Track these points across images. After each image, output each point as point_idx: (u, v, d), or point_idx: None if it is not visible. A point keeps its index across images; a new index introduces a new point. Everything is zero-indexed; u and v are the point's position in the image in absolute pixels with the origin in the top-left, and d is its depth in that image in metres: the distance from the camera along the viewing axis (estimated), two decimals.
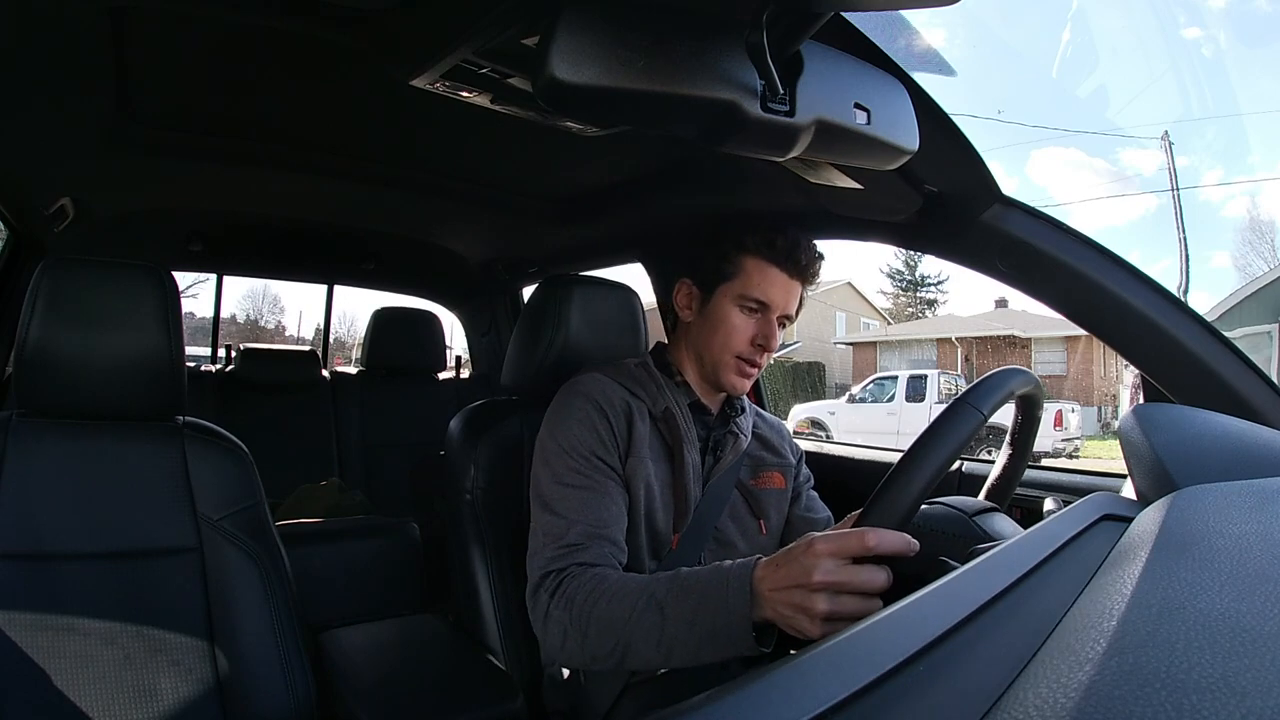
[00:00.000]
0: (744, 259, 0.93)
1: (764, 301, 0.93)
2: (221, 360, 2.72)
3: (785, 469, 1.04)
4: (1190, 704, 0.26)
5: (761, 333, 0.93)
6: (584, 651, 0.75)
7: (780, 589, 0.63)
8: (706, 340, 0.95)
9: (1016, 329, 14.40)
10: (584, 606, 0.75)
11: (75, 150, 1.31)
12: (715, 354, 0.94)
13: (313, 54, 0.97)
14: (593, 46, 0.50)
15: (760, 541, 0.98)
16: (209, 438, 0.97)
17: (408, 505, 2.07)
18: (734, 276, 0.93)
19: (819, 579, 0.60)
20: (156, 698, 0.84)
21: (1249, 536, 0.43)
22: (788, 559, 0.64)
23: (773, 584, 0.64)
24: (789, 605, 0.63)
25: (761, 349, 0.93)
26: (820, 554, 0.61)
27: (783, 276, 0.93)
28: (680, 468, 0.91)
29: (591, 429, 0.88)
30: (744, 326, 0.93)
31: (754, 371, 0.94)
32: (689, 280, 0.98)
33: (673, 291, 1.00)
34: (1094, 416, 12.58)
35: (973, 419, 0.67)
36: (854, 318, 20.00)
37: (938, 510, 0.76)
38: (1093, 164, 26.69)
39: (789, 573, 0.63)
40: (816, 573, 0.61)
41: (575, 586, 0.77)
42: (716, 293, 0.94)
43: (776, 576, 0.64)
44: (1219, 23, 22.08)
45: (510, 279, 2.31)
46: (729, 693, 0.31)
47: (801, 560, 0.62)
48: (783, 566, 0.64)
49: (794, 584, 0.62)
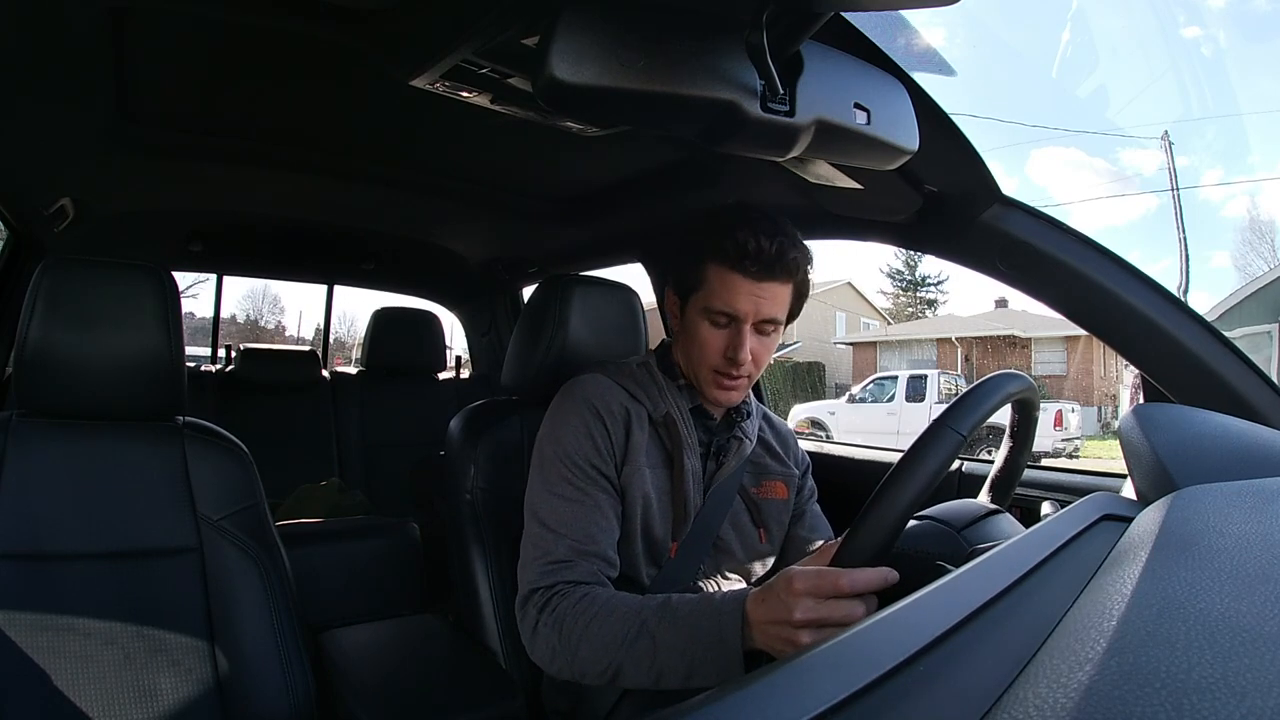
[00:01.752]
0: (706, 267, 0.86)
1: (729, 313, 0.85)
2: (221, 360, 2.72)
3: (789, 479, 1.00)
4: (1190, 704, 0.26)
5: (731, 345, 0.86)
6: (573, 669, 0.76)
7: (766, 623, 0.66)
8: (686, 352, 0.91)
9: (1016, 329, 14.40)
10: (573, 628, 0.75)
11: (75, 150, 1.31)
12: (694, 367, 0.90)
13: (313, 54, 0.97)
14: (593, 46, 0.50)
15: (760, 550, 0.96)
16: (209, 438, 0.97)
17: (408, 505, 2.07)
18: (700, 287, 0.87)
19: (799, 618, 0.63)
20: (156, 698, 0.84)
21: (1249, 536, 0.43)
22: (770, 594, 0.66)
23: (759, 617, 0.66)
24: (776, 639, 0.65)
25: (732, 361, 0.86)
26: (799, 593, 0.63)
27: (747, 282, 0.83)
28: (680, 475, 0.88)
29: (587, 436, 0.86)
30: (713, 340, 0.86)
31: (735, 384, 0.88)
32: (670, 289, 0.94)
33: (663, 298, 0.97)
34: (1094, 416, 12.58)
35: (951, 441, 0.66)
36: (854, 318, 20.01)
37: (926, 528, 0.75)
38: (1093, 164, 26.69)
39: (771, 609, 0.65)
40: (797, 611, 0.63)
41: (565, 607, 0.77)
42: (689, 304, 0.89)
43: (761, 610, 0.66)
44: (1218, 21, 22.09)
45: (510, 279, 2.32)
46: (729, 693, 0.31)
47: (783, 598, 0.64)
48: (767, 601, 0.66)
49: (777, 620, 0.65)
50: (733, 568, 0.94)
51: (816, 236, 1.33)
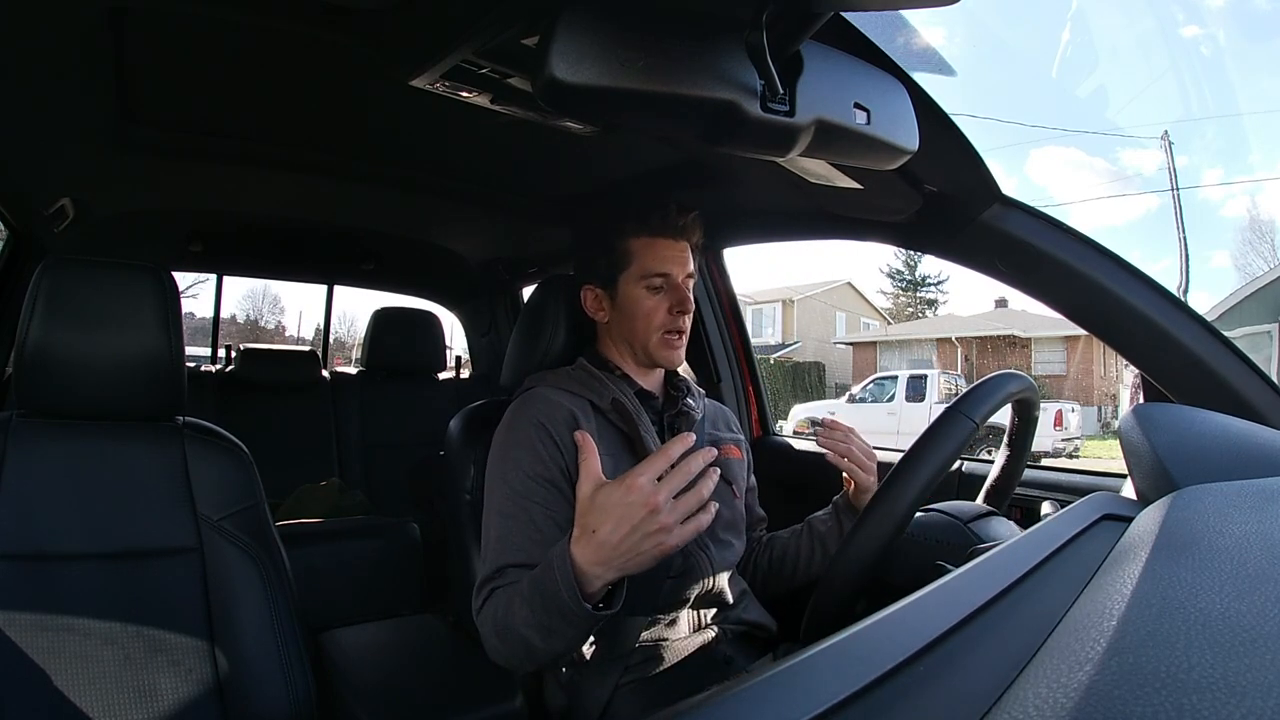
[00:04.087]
0: (629, 243, 0.98)
1: (663, 273, 0.97)
2: (221, 360, 2.72)
3: (739, 443, 1.11)
4: (1190, 704, 0.26)
5: (674, 300, 0.98)
6: (509, 657, 0.80)
7: (614, 545, 0.68)
8: (629, 329, 0.99)
9: (1016, 329, 14.40)
10: (495, 619, 0.80)
11: (75, 150, 1.31)
12: (642, 337, 0.98)
13: (313, 54, 0.97)
14: (593, 46, 0.50)
15: (736, 506, 1.03)
16: (209, 438, 0.97)
17: (408, 505, 2.07)
18: (629, 263, 0.98)
19: (655, 500, 0.67)
20: (156, 698, 0.84)
21: (1249, 536, 0.43)
22: (601, 519, 0.69)
23: (601, 550, 0.69)
24: (633, 551, 0.68)
25: (681, 313, 0.98)
26: (639, 486, 0.68)
27: (670, 244, 0.98)
28: (642, 450, 0.92)
29: (529, 448, 0.90)
30: (656, 304, 0.98)
31: (681, 341, 0.99)
32: (591, 285, 1.02)
33: (581, 302, 1.03)
34: (1094, 416, 12.58)
35: (964, 426, 0.68)
36: (854, 318, 20.00)
37: (934, 518, 0.76)
38: (1092, 164, 26.70)
39: (616, 525, 0.68)
40: (648, 497, 0.67)
41: (492, 607, 0.82)
42: (619, 284, 0.99)
43: (599, 540, 0.69)
44: (1218, 21, 22.08)
45: (510, 279, 2.32)
46: (729, 692, 0.31)
47: (625, 502, 0.68)
48: (600, 530, 0.69)
49: (629, 529, 0.68)
50: (721, 526, 0.98)
51: (816, 236, 1.33)
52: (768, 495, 1.15)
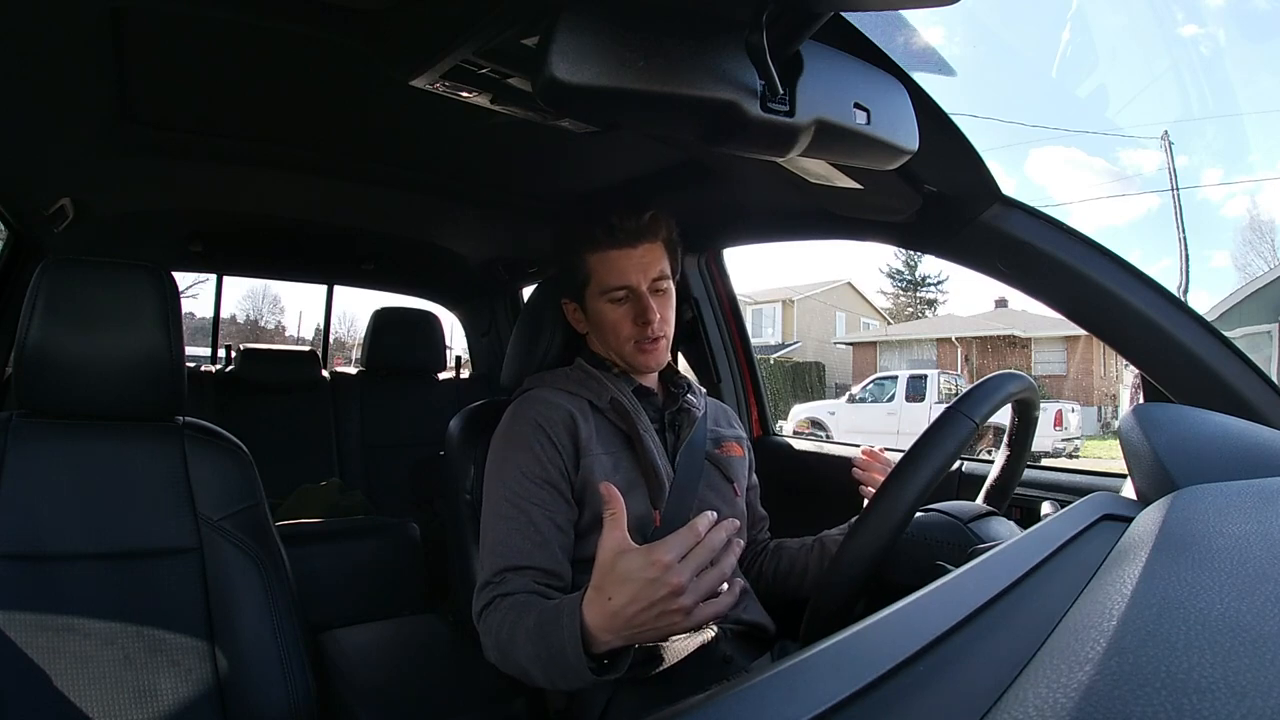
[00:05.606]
0: (584, 259, 0.96)
1: (621, 285, 0.95)
2: (221, 360, 2.72)
3: (740, 440, 1.10)
4: (1190, 704, 0.26)
5: (636, 311, 0.95)
6: (508, 671, 0.80)
7: (628, 619, 0.65)
8: (603, 341, 0.99)
9: (1016, 329, 14.39)
10: (499, 636, 0.79)
11: (75, 150, 1.31)
12: (615, 348, 0.98)
13: (313, 54, 0.97)
14: (592, 46, 0.50)
15: (737, 504, 1.02)
16: (209, 438, 0.97)
17: (408, 505, 2.07)
18: (590, 280, 0.97)
19: (678, 581, 0.63)
20: (156, 698, 0.84)
21: (1249, 536, 0.43)
22: (619, 589, 0.65)
23: (614, 620, 0.66)
24: (646, 627, 0.65)
25: (647, 324, 0.94)
26: (665, 564, 0.63)
27: (622, 253, 0.95)
28: (641, 448, 0.93)
29: (527, 450, 0.89)
30: (621, 316, 0.96)
31: (655, 346, 0.96)
32: (567, 300, 1.02)
33: (565, 316, 1.04)
34: (1094, 416, 12.57)
35: (964, 426, 0.68)
36: (854, 318, 20.00)
37: (934, 518, 0.76)
38: (1092, 164, 26.67)
39: (633, 599, 0.64)
40: (672, 576, 0.63)
41: (496, 620, 0.81)
42: (586, 299, 0.99)
43: (613, 609, 0.66)
44: (1217, 20, 22.06)
45: (510, 279, 2.31)
46: (729, 692, 0.31)
47: (646, 578, 0.64)
48: (615, 598, 0.65)
49: (647, 605, 0.64)
50: None
51: (816, 236, 1.33)
52: (767, 495, 1.15)
